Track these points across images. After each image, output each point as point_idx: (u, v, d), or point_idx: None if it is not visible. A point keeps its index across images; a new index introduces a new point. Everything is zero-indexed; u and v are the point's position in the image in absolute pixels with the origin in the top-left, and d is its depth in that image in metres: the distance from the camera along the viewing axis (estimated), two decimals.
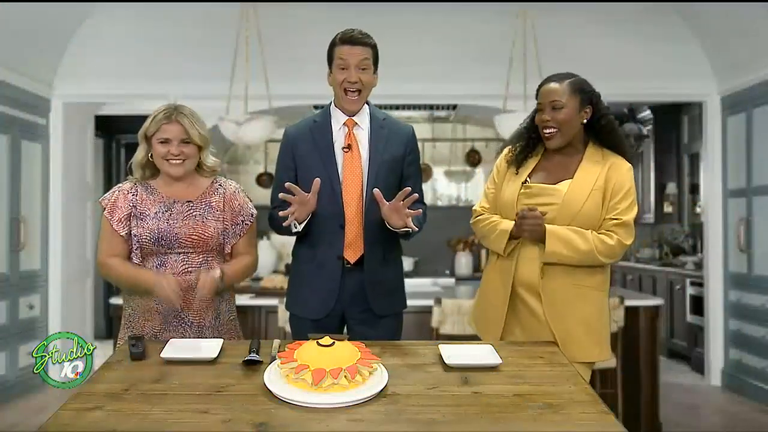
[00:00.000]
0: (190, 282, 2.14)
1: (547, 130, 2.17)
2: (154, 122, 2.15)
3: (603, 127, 2.17)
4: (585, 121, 2.17)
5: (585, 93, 2.15)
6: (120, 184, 2.25)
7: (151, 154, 2.18)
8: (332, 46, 2.27)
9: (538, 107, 2.20)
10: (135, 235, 2.16)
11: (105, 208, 2.18)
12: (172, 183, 2.21)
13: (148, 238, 2.13)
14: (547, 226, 2.07)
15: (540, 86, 2.21)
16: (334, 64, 2.26)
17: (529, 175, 2.21)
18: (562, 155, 2.20)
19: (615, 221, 2.10)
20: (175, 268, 2.14)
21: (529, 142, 2.25)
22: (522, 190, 2.18)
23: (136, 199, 2.18)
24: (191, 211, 2.18)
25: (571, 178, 2.15)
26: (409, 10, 5.14)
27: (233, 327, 2.29)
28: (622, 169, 2.14)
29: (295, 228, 2.18)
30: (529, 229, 2.07)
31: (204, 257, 2.18)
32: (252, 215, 2.27)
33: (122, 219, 2.15)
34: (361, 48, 2.23)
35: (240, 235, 2.24)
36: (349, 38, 2.23)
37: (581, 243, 2.06)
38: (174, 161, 2.15)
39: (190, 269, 2.15)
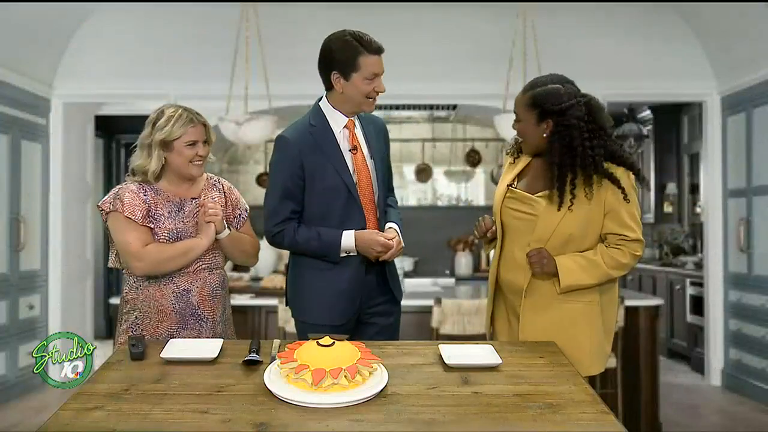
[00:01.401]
0: (204, 279, 2.18)
1: (518, 137, 2.16)
2: (178, 126, 2.11)
3: (570, 145, 1.97)
4: (546, 135, 2.03)
5: (543, 107, 2.00)
6: (121, 186, 2.18)
7: (165, 159, 2.15)
8: (356, 53, 2.11)
9: None
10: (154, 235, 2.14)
11: (123, 210, 2.09)
12: (180, 183, 2.21)
13: (167, 238, 2.12)
14: (557, 259, 2.00)
15: None
16: (360, 74, 2.12)
17: (519, 174, 2.16)
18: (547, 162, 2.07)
19: (620, 237, 2.01)
20: (188, 266, 2.15)
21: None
22: (507, 194, 2.13)
23: (149, 200, 2.15)
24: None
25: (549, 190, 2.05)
26: (409, 9, 5.14)
27: (231, 322, 2.34)
28: (608, 192, 2.00)
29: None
30: (539, 269, 2.02)
31: (213, 254, 2.21)
32: (246, 210, 2.35)
33: (144, 215, 2.12)
34: (381, 56, 2.19)
35: (237, 228, 2.30)
36: (377, 48, 2.14)
37: (593, 268, 1.99)
38: (198, 162, 2.18)
39: (202, 266, 2.18)
